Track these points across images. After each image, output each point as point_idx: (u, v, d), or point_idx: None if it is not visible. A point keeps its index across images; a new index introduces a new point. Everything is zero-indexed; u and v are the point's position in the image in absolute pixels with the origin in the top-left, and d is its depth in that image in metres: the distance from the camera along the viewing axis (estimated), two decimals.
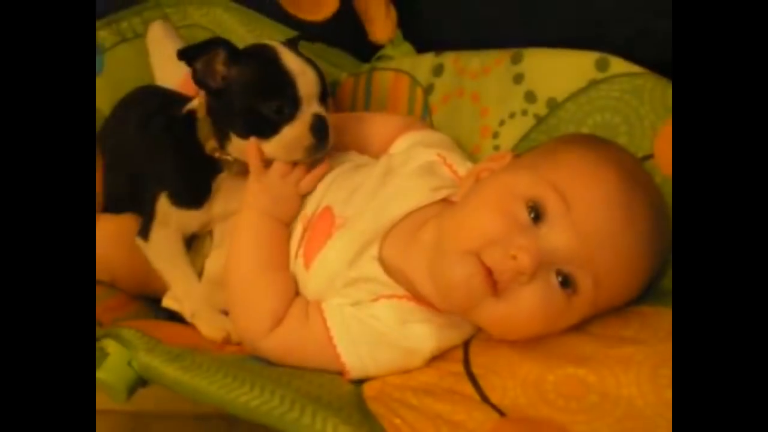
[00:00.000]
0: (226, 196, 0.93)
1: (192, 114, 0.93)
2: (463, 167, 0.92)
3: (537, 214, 0.72)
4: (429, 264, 0.79)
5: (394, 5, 1.15)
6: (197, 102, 0.93)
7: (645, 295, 0.77)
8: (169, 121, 0.95)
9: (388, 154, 0.96)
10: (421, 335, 0.79)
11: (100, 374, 0.76)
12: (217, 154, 0.91)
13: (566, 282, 0.71)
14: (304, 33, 1.04)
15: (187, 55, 0.86)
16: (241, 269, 0.86)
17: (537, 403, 0.68)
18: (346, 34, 1.14)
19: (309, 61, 0.90)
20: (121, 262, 0.92)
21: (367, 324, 0.80)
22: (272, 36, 1.24)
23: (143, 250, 0.92)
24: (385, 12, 1.14)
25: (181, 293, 0.91)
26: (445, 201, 0.87)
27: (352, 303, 0.81)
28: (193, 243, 0.95)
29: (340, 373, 0.80)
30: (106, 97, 1.08)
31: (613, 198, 0.72)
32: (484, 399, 0.70)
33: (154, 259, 0.92)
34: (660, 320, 0.72)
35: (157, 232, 0.91)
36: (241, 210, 0.89)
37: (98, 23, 1.18)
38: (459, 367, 0.77)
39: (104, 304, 0.93)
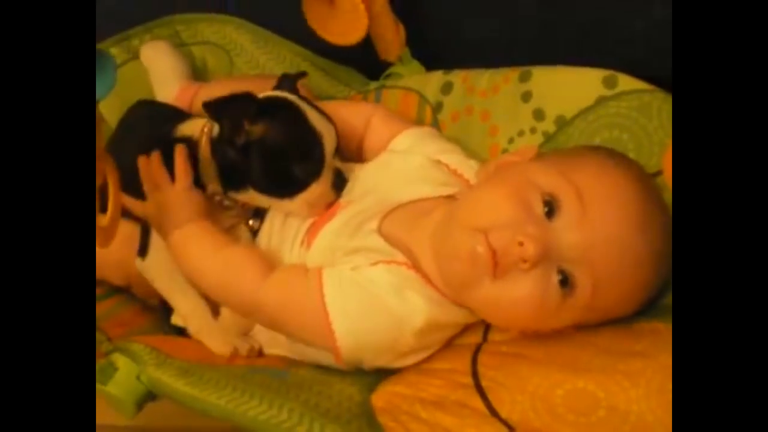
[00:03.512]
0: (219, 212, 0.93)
1: (187, 141, 0.91)
2: (465, 167, 0.93)
3: (551, 208, 0.73)
4: (433, 235, 0.80)
5: (403, 24, 1.16)
6: (196, 131, 0.91)
7: (656, 310, 0.77)
8: (165, 145, 0.93)
9: (389, 151, 0.97)
10: (414, 304, 0.78)
11: (109, 388, 0.77)
12: (217, 198, 0.90)
13: (565, 281, 0.72)
14: (315, 50, 1.04)
15: (214, 110, 0.85)
16: (205, 269, 0.86)
17: (546, 418, 0.68)
18: (355, 51, 1.14)
19: (326, 117, 0.90)
20: (135, 265, 0.91)
21: (361, 286, 0.79)
22: (283, 54, 1.25)
23: (143, 271, 0.92)
24: (394, 30, 1.14)
25: (184, 312, 0.90)
26: (452, 197, 0.88)
27: (352, 267, 0.81)
28: None
29: (328, 341, 0.79)
30: (114, 113, 1.08)
31: (630, 208, 0.73)
32: (493, 413, 0.70)
33: (154, 280, 0.91)
34: (670, 336, 0.71)
35: (154, 253, 0.91)
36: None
37: (109, 41, 1.20)
38: (467, 379, 0.77)
39: (114, 319, 0.94)
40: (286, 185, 0.88)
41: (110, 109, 1.10)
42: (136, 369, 0.78)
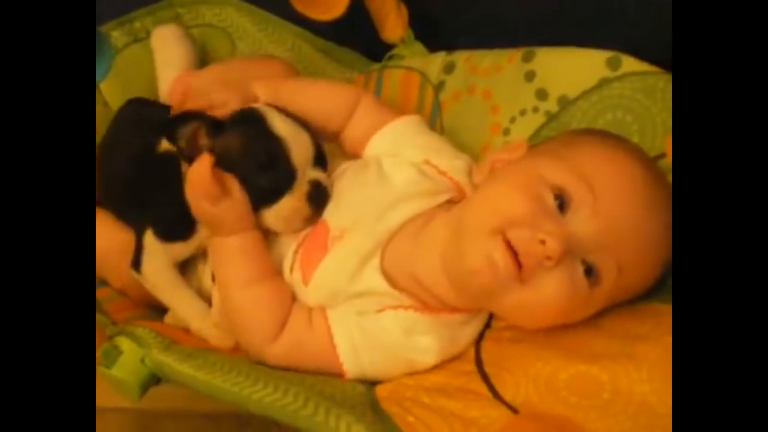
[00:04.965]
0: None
1: (171, 156, 0.88)
2: (453, 169, 0.89)
3: (562, 202, 0.72)
4: (444, 253, 0.78)
5: (406, 5, 1.15)
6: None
7: (659, 291, 0.77)
8: (155, 157, 0.92)
9: (374, 157, 0.92)
10: (426, 348, 0.79)
11: (114, 371, 0.77)
12: None
13: (590, 271, 0.71)
14: (316, 32, 1.03)
15: (167, 130, 0.83)
16: (229, 294, 0.83)
17: (549, 401, 0.68)
18: (357, 33, 1.14)
19: (299, 123, 0.87)
20: (130, 272, 0.91)
21: (370, 333, 0.79)
22: (284, 36, 1.24)
23: (140, 279, 0.91)
24: (396, 11, 1.14)
25: (184, 316, 0.90)
26: (448, 201, 0.86)
27: (357, 312, 0.81)
28: (188, 262, 0.93)
29: (339, 375, 0.79)
30: (117, 97, 1.08)
31: (638, 187, 0.73)
32: (497, 397, 0.71)
33: (150, 289, 0.90)
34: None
35: (147, 264, 0.89)
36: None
37: (111, 24, 1.18)
38: (471, 366, 0.77)
39: (117, 303, 0.94)
40: (254, 198, 0.83)
41: (112, 92, 1.10)
42: (141, 352, 0.78)
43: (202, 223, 0.86)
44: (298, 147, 0.84)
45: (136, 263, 0.90)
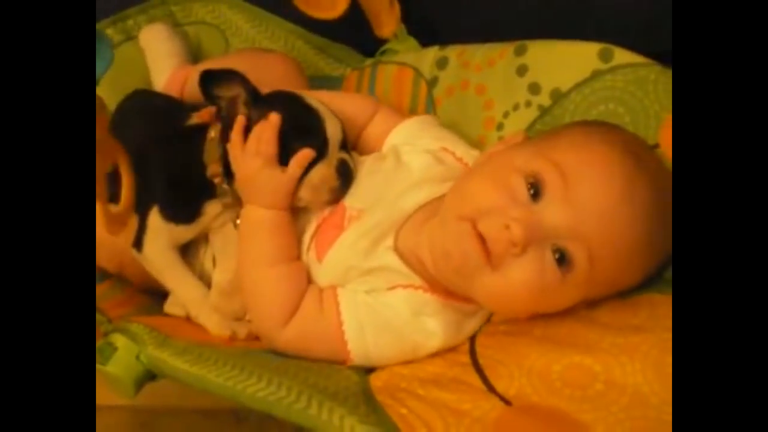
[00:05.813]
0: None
1: (196, 129, 0.91)
2: (469, 156, 0.92)
3: (536, 190, 0.72)
4: (429, 234, 0.80)
5: (398, 0, 1.15)
6: (206, 117, 0.91)
7: (656, 282, 0.77)
8: (171, 132, 0.93)
9: (392, 146, 0.95)
10: (431, 331, 0.79)
11: (109, 368, 0.77)
12: (216, 180, 0.89)
13: (562, 258, 0.72)
14: (309, 28, 1.03)
15: (209, 82, 0.85)
16: (250, 268, 0.85)
17: (543, 392, 0.68)
18: (350, 29, 1.14)
19: (331, 112, 0.89)
20: (128, 252, 0.91)
21: (378, 311, 0.80)
22: (278, 32, 1.24)
23: (140, 260, 0.91)
24: (389, 6, 1.14)
25: (183, 299, 0.91)
26: None
27: (368, 290, 0.82)
28: (189, 246, 0.93)
29: (343, 361, 0.80)
30: (110, 94, 1.07)
31: (615, 174, 0.72)
32: (490, 388, 0.71)
33: (150, 269, 0.91)
34: (668, 309, 0.72)
35: (149, 244, 0.89)
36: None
37: (104, 22, 1.18)
38: (465, 358, 0.77)
39: (112, 300, 0.94)
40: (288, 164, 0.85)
41: (105, 89, 1.10)
42: (136, 349, 0.78)
43: (238, 183, 0.87)
44: (331, 123, 0.87)
45: (138, 242, 0.90)
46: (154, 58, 1.16)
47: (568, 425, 0.64)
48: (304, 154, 0.84)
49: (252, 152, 0.83)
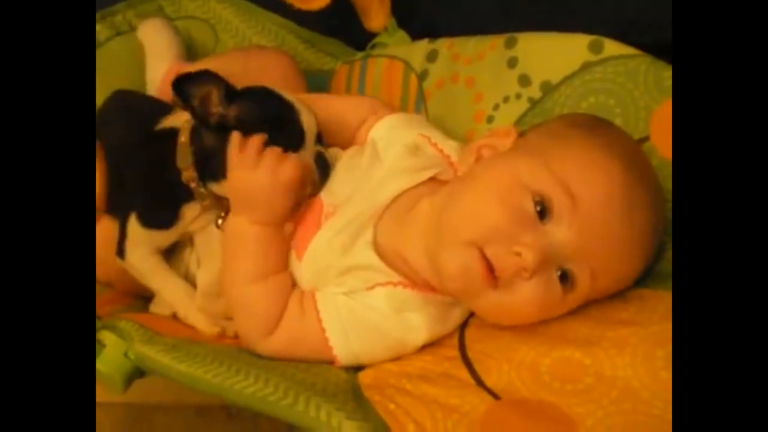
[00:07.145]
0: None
1: (168, 133, 0.89)
2: (445, 145, 0.91)
3: (543, 209, 0.72)
4: (427, 249, 0.78)
5: None
6: (178, 121, 0.89)
7: (645, 277, 0.77)
8: (146, 137, 0.92)
9: (370, 140, 0.94)
10: (416, 326, 0.79)
11: (98, 365, 0.76)
12: (192, 185, 0.87)
13: (565, 277, 0.72)
14: (299, 22, 1.03)
15: (181, 87, 0.82)
16: (235, 282, 0.83)
17: (532, 386, 0.68)
18: (340, 22, 1.14)
19: (303, 104, 0.88)
20: (117, 264, 0.90)
21: (359, 314, 0.79)
22: (267, 27, 1.24)
23: (126, 267, 0.90)
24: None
25: (171, 301, 0.90)
26: (435, 180, 0.86)
27: (347, 291, 0.81)
28: (175, 248, 0.93)
29: (331, 362, 0.80)
30: (99, 90, 1.06)
31: (615, 194, 0.72)
32: (479, 383, 0.70)
33: (135, 275, 0.90)
34: (658, 303, 0.72)
35: (131, 251, 0.89)
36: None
37: None
38: (454, 352, 0.77)
39: (101, 297, 0.93)
40: None
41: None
42: (124, 346, 0.78)
43: (231, 193, 0.84)
44: (306, 116, 0.86)
45: (120, 251, 0.90)
46: (152, 52, 1.15)
47: (557, 419, 0.64)
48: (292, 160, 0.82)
49: (255, 164, 0.81)
